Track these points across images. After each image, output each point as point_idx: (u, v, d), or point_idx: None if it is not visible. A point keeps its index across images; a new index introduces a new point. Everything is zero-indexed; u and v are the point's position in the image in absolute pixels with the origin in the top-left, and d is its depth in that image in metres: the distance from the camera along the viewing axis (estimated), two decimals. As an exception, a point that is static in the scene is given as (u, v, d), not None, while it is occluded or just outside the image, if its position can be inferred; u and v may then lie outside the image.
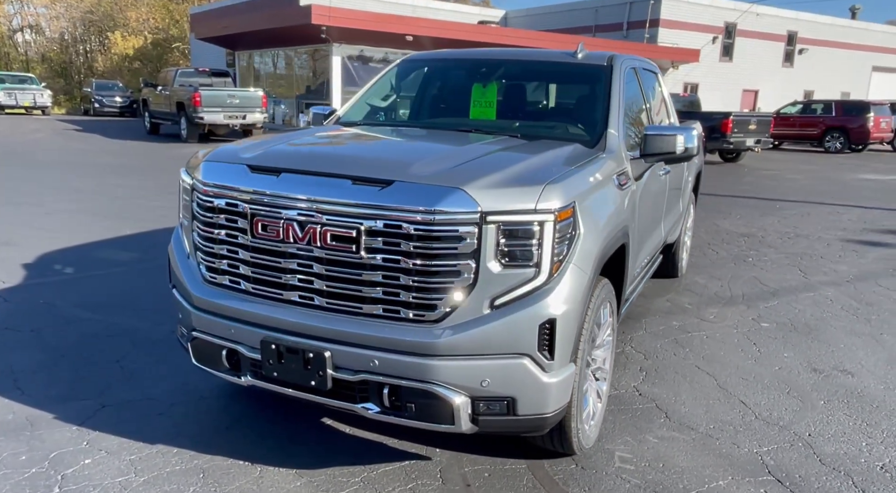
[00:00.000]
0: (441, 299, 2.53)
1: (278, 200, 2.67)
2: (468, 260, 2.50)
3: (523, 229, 2.51)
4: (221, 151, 3.11)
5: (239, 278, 2.85)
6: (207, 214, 2.88)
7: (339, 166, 2.74)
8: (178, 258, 3.15)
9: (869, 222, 10.14)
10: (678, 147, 3.52)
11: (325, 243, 2.60)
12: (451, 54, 4.65)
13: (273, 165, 2.82)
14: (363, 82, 21.09)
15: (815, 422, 3.58)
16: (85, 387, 3.66)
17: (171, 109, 20.16)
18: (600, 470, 3.05)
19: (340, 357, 2.62)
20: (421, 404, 2.57)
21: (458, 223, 2.47)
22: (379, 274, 2.56)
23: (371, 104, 4.38)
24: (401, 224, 2.50)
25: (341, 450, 3.15)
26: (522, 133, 3.53)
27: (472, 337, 2.51)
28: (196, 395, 3.63)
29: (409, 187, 2.55)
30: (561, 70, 4.17)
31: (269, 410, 3.49)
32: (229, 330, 2.84)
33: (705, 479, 3.00)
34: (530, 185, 2.58)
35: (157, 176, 12.36)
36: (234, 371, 2.91)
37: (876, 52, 39.39)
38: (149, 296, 5.25)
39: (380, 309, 2.60)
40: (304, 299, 2.72)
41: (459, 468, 3.02)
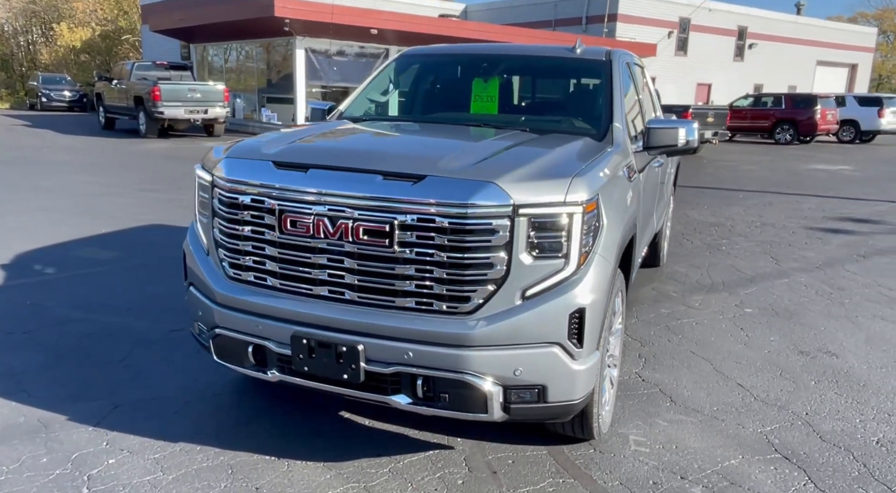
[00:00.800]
0: (474, 291, 2.59)
1: (308, 195, 2.69)
2: (501, 252, 2.56)
3: (553, 221, 2.59)
4: (242, 147, 3.11)
5: (265, 274, 2.86)
6: (231, 210, 2.88)
7: (368, 162, 2.77)
8: (196, 255, 3.13)
9: (827, 211, 10.56)
10: (680, 140, 3.65)
11: (357, 238, 2.63)
12: (450, 49, 4.69)
13: (300, 160, 2.83)
14: (328, 76, 20.99)
15: (810, 401, 3.76)
16: (93, 387, 3.60)
17: (129, 104, 19.64)
18: (618, 454, 3.16)
19: (373, 350, 2.66)
20: (454, 393, 2.63)
21: (491, 216, 2.53)
22: (412, 268, 2.61)
23: (371, 99, 4.40)
24: (434, 218, 2.54)
25: (364, 442, 3.18)
26: (531, 127, 3.60)
27: (505, 327, 2.58)
28: (209, 392, 3.62)
29: (442, 182, 2.60)
30: (561, 65, 4.26)
31: (286, 404, 3.50)
32: (256, 326, 2.84)
33: (717, 459, 3.13)
34: (558, 178, 2.66)
35: (122, 173, 12.07)
36: (261, 367, 2.92)
37: (820, 47, 40.81)
38: (139, 295, 5.17)
39: (412, 302, 2.64)
40: (335, 294, 2.75)
41: (483, 456, 3.09)
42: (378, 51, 20.86)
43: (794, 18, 40.76)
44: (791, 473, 3.03)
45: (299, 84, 19.46)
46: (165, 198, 9.49)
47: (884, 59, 65.02)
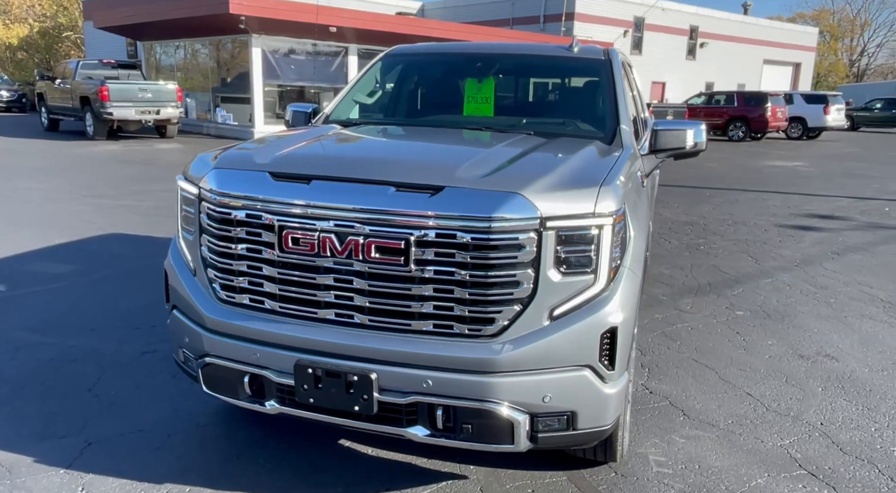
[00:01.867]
0: (499, 312, 2.37)
1: (312, 210, 2.43)
2: (527, 269, 2.35)
3: (582, 235, 2.39)
4: (232, 157, 2.82)
5: (263, 297, 2.58)
6: (223, 226, 2.59)
7: (377, 172, 2.52)
8: (180, 276, 2.83)
9: (793, 207, 10.68)
10: (688, 142, 3.50)
11: (368, 257, 2.38)
12: (440, 48, 4.46)
13: (300, 171, 2.57)
14: (285, 75, 20.45)
15: (822, 410, 3.66)
16: (61, 422, 3.26)
17: (74, 104, 18.75)
18: (640, 476, 2.98)
19: (388, 379, 2.41)
20: (478, 424, 2.41)
21: (517, 231, 2.31)
22: (430, 287, 2.37)
23: (358, 101, 4.13)
24: (455, 233, 2.32)
25: (370, 475, 2.93)
26: (535, 131, 3.39)
27: (534, 351, 2.36)
28: (192, 423, 3.31)
29: (462, 193, 2.37)
30: (559, 64, 4.07)
31: (279, 435, 3.22)
32: (253, 354, 2.57)
33: (743, 478, 2.98)
34: (586, 187, 2.46)
35: (71, 178, 11.44)
36: (257, 398, 2.65)
37: (766, 47, 41.88)
38: (102, 313, 4.79)
39: (430, 325, 2.41)
40: (342, 317, 2.50)
41: (500, 486, 2.87)
42: (337, 49, 20.42)
43: (742, 18, 41.72)
44: (820, 490, 2.90)
45: (256, 83, 18.88)
46: (120, 204, 8.99)
47: (821, 59, 67.23)
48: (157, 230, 7.48)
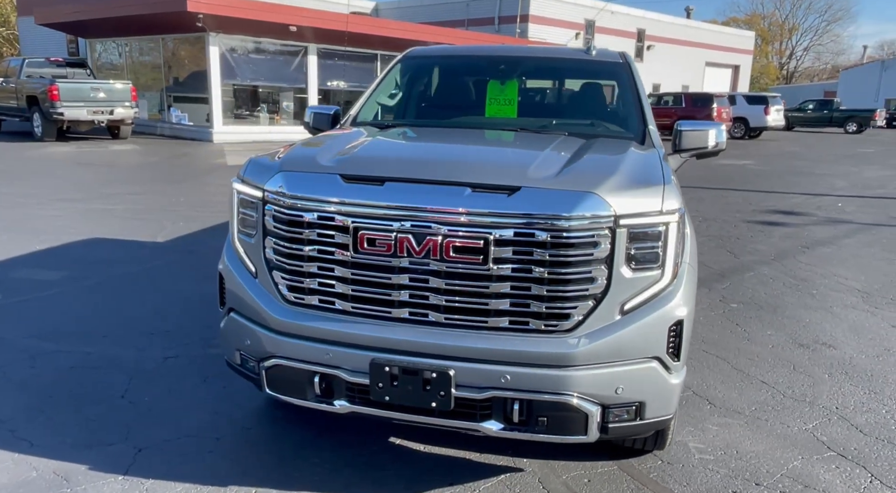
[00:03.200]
0: (575, 308, 2.46)
1: (388, 211, 2.47)
2: (601, 266, 2.45)
3: (651, 232, 2.50)
4: (296, 159, 2.83)
5: (334, 298, 2.61)
6: (293, 229, 2.60)
7: (451, 173, 2.57)
8: (240, 279, 2.82)
9: (755, 204, 11.13)
10: (710, 142, 3.65)
11: (446, 256, 2.44)
12: (459, 51, 4.53)
13: (373, 173, 2.60)
14: (244, 75, 20.09)
15: (833, 395, 3.88)
16: (102, 430, 3.19)
17: (20, 104, 18.03)
18: (686, 463, 3.12)
19: (465, 375, 2.47)
20: (553, 417, 2.49)
21: (594, 228, 2.41)
22: (507, 285, 2.44)
23: (381, 103, 4.16)
24: (534, 232, 2.40)
25: (429, 470, 2.98)
26: (569, 132, 3.49)
27: (608, 344, 2.46)
28: (237, 426, 3.29)
29: (540, 193, 2.45)
30: (581, 67, 4.19)
31: (327, 435, 3.23)
32: (325, 354, 2.59)
33: (780, 461, 3.15)
34: (651, 186, 2.57)
35: (34, 181, 11.02)
36: (326, 398, 2.67)
37: (708, 49, 43.29)
38: (109, 320, 4.68)
39: (506, 322, 2.48)
40: (416, 316, 2.54)
41: (557, 477, 2.96)
42: (296, 48, 20.16)
43: (686, 22, 43.03)
44: (854, 471, 3.09)
45: (214, 83, 18.46)
46: (91, 208, 8.72)
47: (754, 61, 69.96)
48: (139, 234, 7.31)
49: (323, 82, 21.14)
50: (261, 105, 21.18)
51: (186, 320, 4.69)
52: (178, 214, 8.54)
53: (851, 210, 10.82)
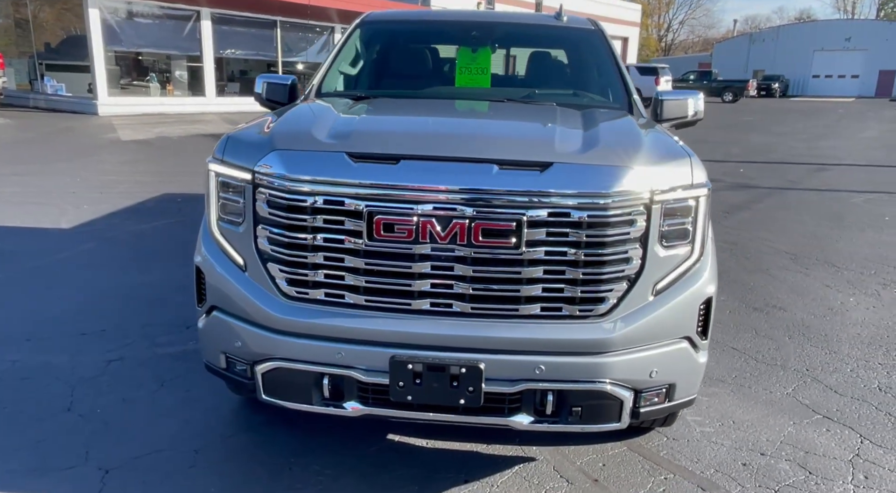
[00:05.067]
0: (610, 291, 2.32)
1: (408, 193, 2.22)
2: (636, 245, 2.32)
3: (684, 207, 2.39)
4: (289, 135, 2.50)
5: (343, 291, 2.34)
6: (294, 215, 2.30)
7: (473, 149, 2.34)
8: (225, 273, 2.48)
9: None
10: (690, 111, 3.60)
11: (475, 240, 2.22)
12: (423, 15, 4.23)
13: (385, 151, 2.32)
14: (130, 41, 18.50)
15: (799, 357, 4.00)
16: (56, 452, 2.77)
17: None
18: (689, 438, 3.09)
19: (496, 368, 2.29)
20: (588, 406, 2.36)
21: (630, 206, 2.27)
22: (540, 270, 2.27)
23: (343, 72, 3.81)
24: (569, 212, 2.22)
25: (440, 467, 2.79)
26: (556, 102, 3.33)
27: (643, 327, 2.35)
28: (216, 434, 2.96)
29: (574, 169, 2.27)
30: (554, 34, 4.00)
31: (318, 437, 2.96)
32: (336, 354, 2.33)
33: (775, 428, 3.19)
34: (679, 158, 2.46)
35: None
36: (335, 401, 2.41)
37: (601, 21, 44.29)
38: (27, 321, 4.13)
39: (538, 308, 2.31)
40: (439, 307, 2.32)
41: (571, 464, 2.86)
42: (187, 13, 18.76)
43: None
44: (843, 432, 3.17)
45: (96, 49, 16.85)
46: (-25, 191, 7.76)
47: (639, 33, 72.59)
48: (39, 221, 6.56)
49: (219, 50, 19.88)
50: (150, 75, 19.65)
51: (120, 318, 4.20)
52: (79, 196, 7.75)
53: (753, 175, 11.39)
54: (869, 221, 7.87)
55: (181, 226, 6.56)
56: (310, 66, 23.35)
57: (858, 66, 59.33)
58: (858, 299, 5.10)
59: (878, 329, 4.50)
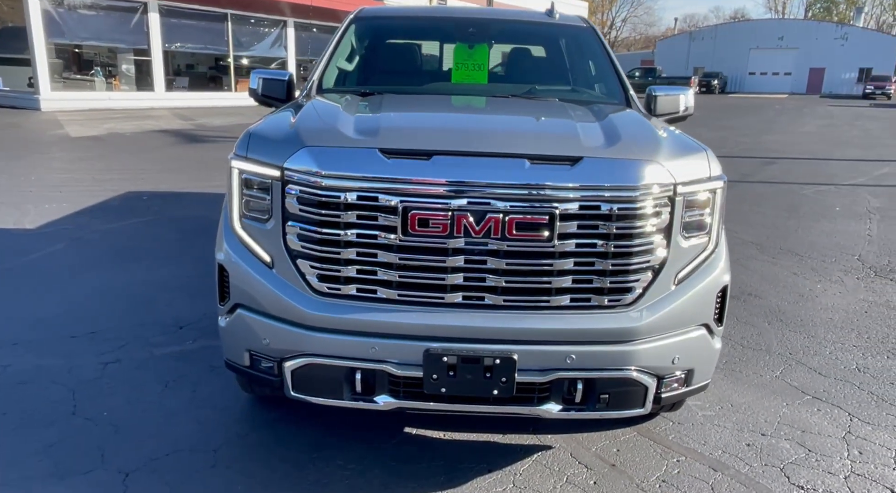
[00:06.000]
0: (637, 281, 2.41)
1: (443, 188, 2.25)
2: (661, 236, 2.41)
3: (703, 198, 2.50)
4: (318, 131, 2.50)
5: (376, 286, 2.35)
6: (326, 212, 2.30)
7: (505, 144, 2.39)
8: (252, 270, 2.46)
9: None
10: (681, 106, 3.72)
11: (509, 235, 2.27)
12: (417, 11, 4.22)
13: (417, 147, 2.35)
14: (74, 33, 17.80)
15: (781, 342, 4.19)
16: (70, 456, 2.70)
17: None
18: (693, 421, 3.22)
19: (528, 358, 2.35)
20: (615, 393, 2.44)
21: (657, 198, 2.36)
22: (570, 261, 2.33)
23: (341, 68, 3.79)
24: (599, 205, 2.29)
25: (461, 457, 2.83)
26: (559, 98, 3.40)
27: (667, 315, 2.44)
28: (232, 433, 2.93)
29: (603, 163, 2.35)
30: (548, 31, 4.06)
31: (335, 431, 2.96)
32: (370, 348, 2.34)
33: (770, 409, 3.35)
34: (697, 152, 2.57)
35: None
36: (366, 395, 2.43)
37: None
38: (12, 324, 3.99)
39: (567, 299, 2.38)
40: (471, 300, 2.37)
41: (587, 450, 2.94)
42: (134, 4, 18.18)
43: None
44: (833, 411, 3.35)
45: (37, 42, 16.16)
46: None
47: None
48: (2, 220, 6.29)
49: (168, 43, 19.34)
50: (95, 68, 18.97)
51: (109, 319, 4.09)
52: (38, 195, 7.47)
53: (708, 168, 11.73)
54: (822, 212, 8.25)
55: (155, 225, 6.40)
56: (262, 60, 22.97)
57: (790, 63, 61.76)
58: (825, 286, 5.36)
59: (847, 314, 4.75)
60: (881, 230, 7.38)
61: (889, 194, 9.62)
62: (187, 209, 7.16)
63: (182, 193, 7.98)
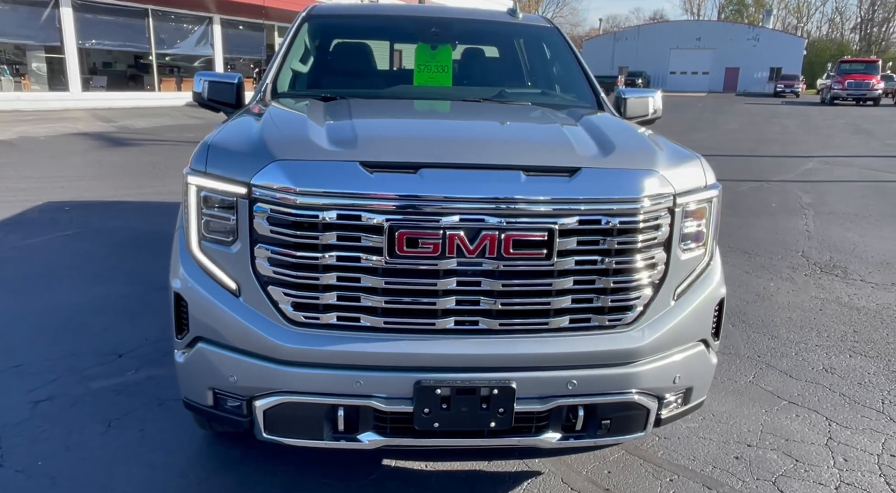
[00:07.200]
0: (638, 298, 2.26)
1: (433, 205, 2.04)
2: (661, 250, 2.27)
3: (699, 209, 2.37)
4: (288, 143, 2.23)
5: (359, 313, 2.12)
6: (303, 233, 2.05)
7: (498, 156, 2.20)
8: (216, 300, 2.18)
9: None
10: (650, 109, 3.62)
11: (505, 253, 2.08)
12: (374, 10, 3.95)
13: (402, 159, 2.12)
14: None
15: (748, 344, 4.17)
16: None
17: None
18: (678, 435, 3.12)
19: (527, 386, 2.17)
20: (617, 418, 2.29)
21: (658, 210, 2.22)
22: (570, 280, 2.16)
23: (295, 70, 3.50)
24: (600, 218, 2.13)
25: (449, 491, 2.63)
26: (532, 102, 3.23)
27: (669, 333, 2.31)
28: (189, 478, 2.62)
29: (602, 174, 2.19)
30: (515, 32, 3.87)
31: (308, 470, 2.70)
32: (354, 383, 2.11)
33: (752, 417, 3.29)
34: (691, 160, 2.45)
35: None
36: (348, 434, 2.19)
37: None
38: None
39: (566, 321, 2.21)
40: (463, 325, 2.16)
41: (577, 473, 2.78)
42: (43, -2, 17.05)
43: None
44: (811, 416, 3.32)
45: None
46: None
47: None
48: None
49: (83, 40, 18.24)
50: (1, 67, 17.70)
51: (35, 349, 3.68)
52: (-57, 206, 6.80)
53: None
54: (760, 209, 8.45)
55: (81, 239, 5.90)
56: (187, 58, 22.05)
57: (708, 63, 64.33)
58: (777, 284, 5.42)
59: (803, 312, 4.80)
60: (818, 226, 7.60)
61: (817, 190, 9.97)
62: (116, 220, 6.65)
63: (109, 203, 7.43)
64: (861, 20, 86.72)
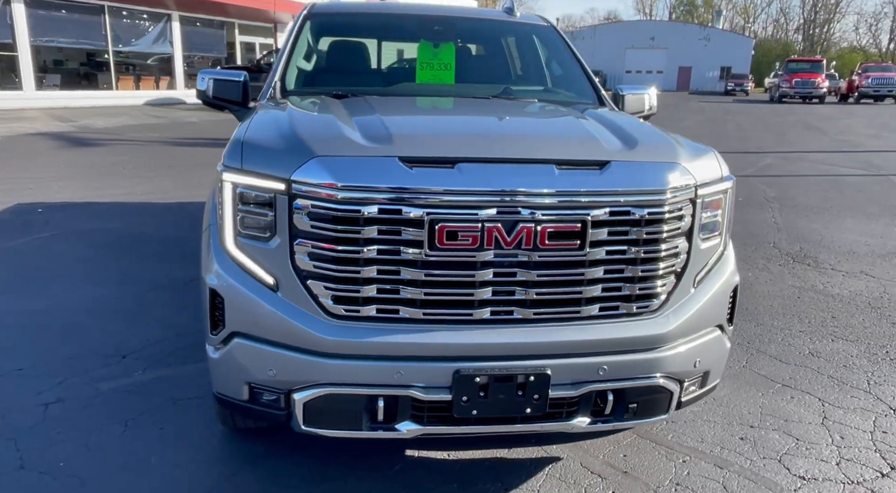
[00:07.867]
0: (663, 286, 2.36)
1: (471, 198, 2.10)
2: (684, 239, 2.38)
3: (717, 199, 2.49)
4: (326, 139, 2.25)
5: (398, 305, 2.17)
6: (343, 227, 2.09)
7: (531, 150, 2.27)
8: (254, 294, 2.20)
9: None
10: (646, 105, 3.74)
11: (541, 244, 2.15)
12: (374, 7, 3.97)
13: (440, 154, 2.17)
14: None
15: (737, 332, 4.31)
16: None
17: None
18: (685, 419, 3.23)
19: (561, 372, 2.25)
20: (643, 401, 2.40)
21: (682, 201, 2.32)
22: (601, 270, 2.25)
23: (301, 68, 3.51)
24: (629, 209, 2.22)
25: (474, 479, 2.69)
26: (537, 99, 3.31)
27: (691, 319, 2.42)
28: (215, 473, 2.62)
29: (631, 167, 2.28)
30: (511, 30, 3.95)
31: (334, 461, 2.73)
32: (394, 373, 2.16)
33: (750, 400, 3.43)
34: (708, 153, 2.56)
35: None
36: (387, 424, 2.24)
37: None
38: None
39: (596, 309, 2.29)
40: (499, 314, 2.23)
41: (595, 458, 2.88)
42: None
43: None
44: (804, 397, 3.49)
45: None
46: None
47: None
48: None
49: (36, 37, 17.68)
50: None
51: (34, 352, 3.61)
52: None
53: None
54: (729, 203, 8.69)
55: (60, 241, 5.77)
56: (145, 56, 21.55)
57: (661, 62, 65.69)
58: (755, 274, 5.62)
59: (783, 300, 5.00)
60: (784, 218, 7.89)
61: (778, 184, 10.32)
62: (95, 222, 6.52)
63: (84, 204, 7.27)
64: (804, 21, 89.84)
